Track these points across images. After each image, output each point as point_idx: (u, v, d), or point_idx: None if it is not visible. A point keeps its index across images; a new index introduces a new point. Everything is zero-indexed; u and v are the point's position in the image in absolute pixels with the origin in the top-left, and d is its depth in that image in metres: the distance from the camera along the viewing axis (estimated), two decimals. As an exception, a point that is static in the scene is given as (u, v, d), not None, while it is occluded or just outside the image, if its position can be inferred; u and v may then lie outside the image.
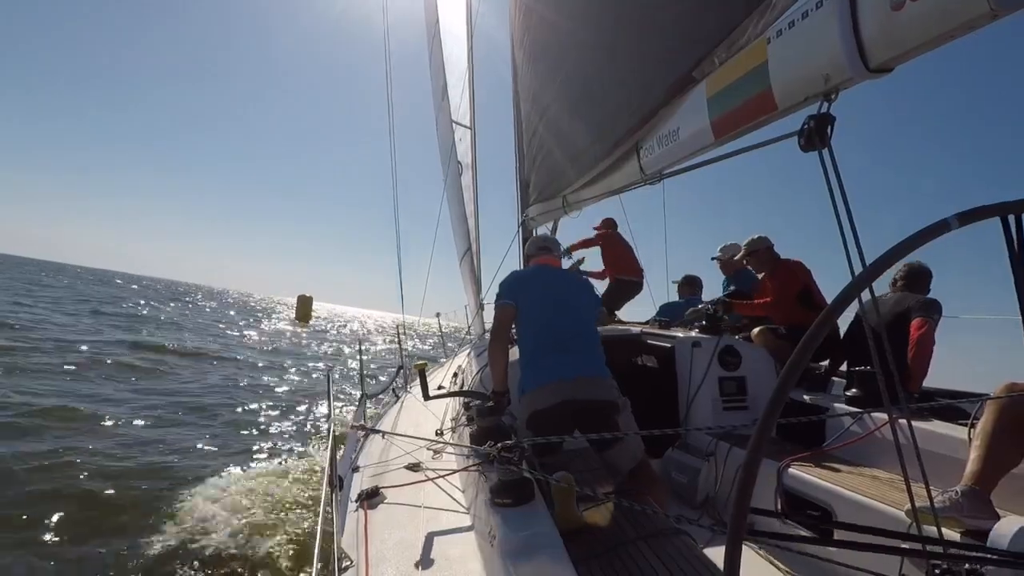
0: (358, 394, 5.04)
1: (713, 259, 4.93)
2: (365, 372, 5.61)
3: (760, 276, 4.03)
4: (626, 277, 5.76)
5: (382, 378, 12.70)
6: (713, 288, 6.45)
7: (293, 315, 35.59)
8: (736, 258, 4.19)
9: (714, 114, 1.74)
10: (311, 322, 33.52)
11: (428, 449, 2.77)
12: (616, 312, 5.66)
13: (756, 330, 3.72)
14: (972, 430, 2.07)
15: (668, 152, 2.07)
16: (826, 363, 3.51)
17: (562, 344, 2.43)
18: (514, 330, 2.68)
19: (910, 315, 2.90)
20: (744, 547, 0.58)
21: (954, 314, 3.11)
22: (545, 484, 1.80)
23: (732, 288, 4.66)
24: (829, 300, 0.70)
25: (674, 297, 5.80)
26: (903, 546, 1.09)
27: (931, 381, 3.00)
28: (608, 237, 5.88)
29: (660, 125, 2.09)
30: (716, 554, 2.01)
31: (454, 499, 2.21)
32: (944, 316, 3.01)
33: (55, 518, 4.26)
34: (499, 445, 1.75)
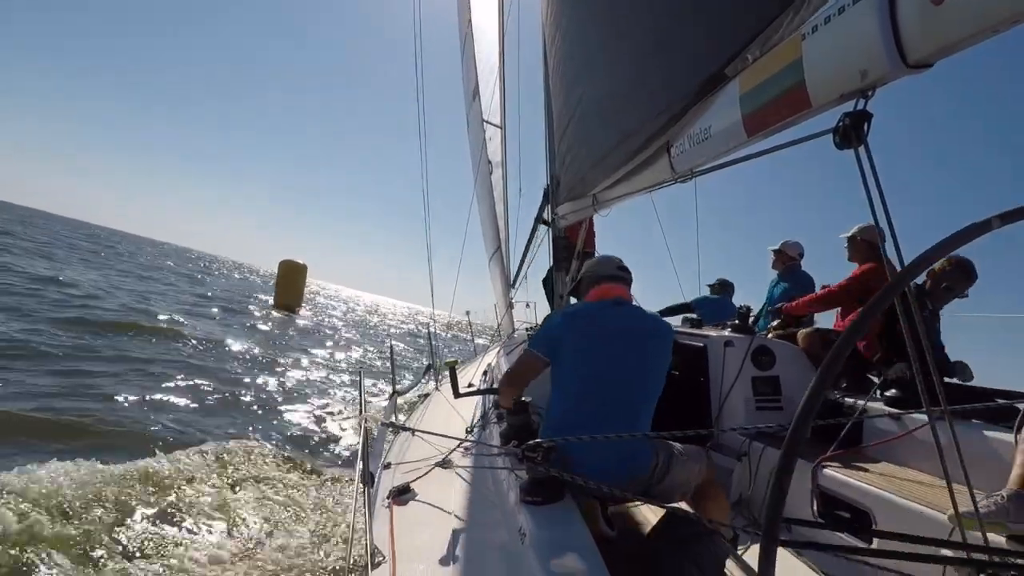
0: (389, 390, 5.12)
1: (771, 249, 4.91)
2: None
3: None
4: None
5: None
6: (746, 289, 6.42)
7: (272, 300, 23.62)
8: (850, 235, 3.70)
9: (747, 111, 1.73)
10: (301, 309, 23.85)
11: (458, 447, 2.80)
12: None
13: (803, 331, 3.64)
14: (1019, 433, 2.01)
15: (699, 150, 2.05)
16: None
17: (604, 419, 1.93)
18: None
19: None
20: (779, 548, 0.58)
21: (995, 312, 3.02)
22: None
23: (783, 286, 4.71)
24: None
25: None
26: (946, 553, 1.07)
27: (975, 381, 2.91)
28: None
29: (691, 123, 2.07)
30: (750, 555, 1.99)
31: (484, 496, 2.24)
32: (987, 315, 2.92)
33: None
34: (527, 444, 1.77)
